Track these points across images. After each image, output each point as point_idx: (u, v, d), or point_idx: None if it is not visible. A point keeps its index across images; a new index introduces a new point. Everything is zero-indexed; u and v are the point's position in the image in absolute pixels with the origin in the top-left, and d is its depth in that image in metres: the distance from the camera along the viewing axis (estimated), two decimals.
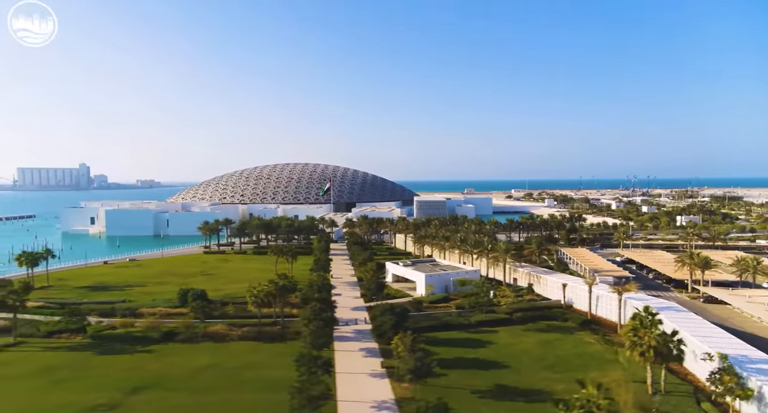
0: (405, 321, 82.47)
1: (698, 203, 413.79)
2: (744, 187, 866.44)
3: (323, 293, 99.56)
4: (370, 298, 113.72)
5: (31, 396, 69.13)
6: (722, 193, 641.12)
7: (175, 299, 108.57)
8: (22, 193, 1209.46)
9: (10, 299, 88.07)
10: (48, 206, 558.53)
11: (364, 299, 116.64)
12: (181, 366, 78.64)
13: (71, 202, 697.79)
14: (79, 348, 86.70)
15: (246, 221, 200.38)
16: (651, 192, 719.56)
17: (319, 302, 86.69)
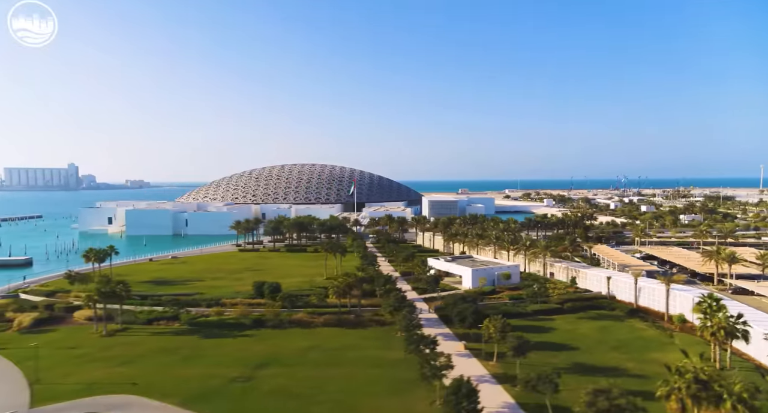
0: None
1: (698, 202, 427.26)
2: (730, 187, 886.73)
3: (390, 284, 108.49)
4: (425, 290, 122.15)
5: (167, 370, 77.91)
6: (709, 192, 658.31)
7: (251, 291, 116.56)
8: (10, 193, 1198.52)
9: (119, 290, 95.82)
10: (41, 207, 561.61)
11: (417, 291, 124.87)
12: (285, 347, 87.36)
13: (63, 202, 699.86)
14: (183, 333, 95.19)
15: (280, 221, 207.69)
16: (641, 192, 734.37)
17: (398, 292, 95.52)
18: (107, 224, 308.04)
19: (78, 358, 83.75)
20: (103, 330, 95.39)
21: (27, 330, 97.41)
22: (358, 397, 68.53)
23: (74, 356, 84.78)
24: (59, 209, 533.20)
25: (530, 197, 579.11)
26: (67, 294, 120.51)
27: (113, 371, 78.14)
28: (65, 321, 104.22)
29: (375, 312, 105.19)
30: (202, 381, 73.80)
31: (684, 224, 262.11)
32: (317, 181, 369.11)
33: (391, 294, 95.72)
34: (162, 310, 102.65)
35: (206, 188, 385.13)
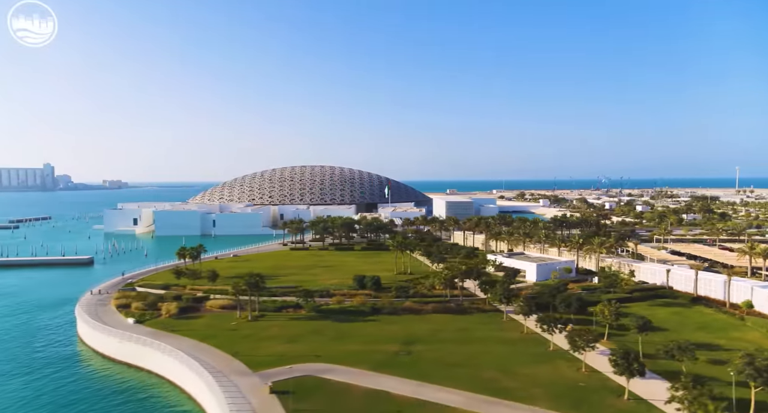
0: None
1: (685, 203, 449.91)
2: (706, 187, 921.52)
3: (483, 277, 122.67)
4: (492, 284, 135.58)
5: (331, 346, 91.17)
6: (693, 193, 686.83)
7: (353, 284, 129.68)
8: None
9: (258, 282, 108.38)
10: (20, 209, 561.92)
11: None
12: (416, 329, 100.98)
13: (44, 203, 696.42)
14: (315, 318, 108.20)
15: (329, 221, 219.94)
16: (622, 192, 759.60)
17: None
18: (132, 225, 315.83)
19: (246, 338, 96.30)
20: (248, 315, 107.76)
21: (177, 316, 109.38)
22: (512, 365, 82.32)
23: (242, 336, 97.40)
24: (40, 210, 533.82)
25: (524, 197, 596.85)
26: (183, 287, 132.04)
27: (287, 347, 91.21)
28: (199, 309, 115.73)
29: (472, 301, 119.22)
30: (369, 355, 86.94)
31: (691, 223, 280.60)
32: (330, 182, 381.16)
33: (497, 285, 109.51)
34: (282, 301, 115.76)
35: (220, 188, 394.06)
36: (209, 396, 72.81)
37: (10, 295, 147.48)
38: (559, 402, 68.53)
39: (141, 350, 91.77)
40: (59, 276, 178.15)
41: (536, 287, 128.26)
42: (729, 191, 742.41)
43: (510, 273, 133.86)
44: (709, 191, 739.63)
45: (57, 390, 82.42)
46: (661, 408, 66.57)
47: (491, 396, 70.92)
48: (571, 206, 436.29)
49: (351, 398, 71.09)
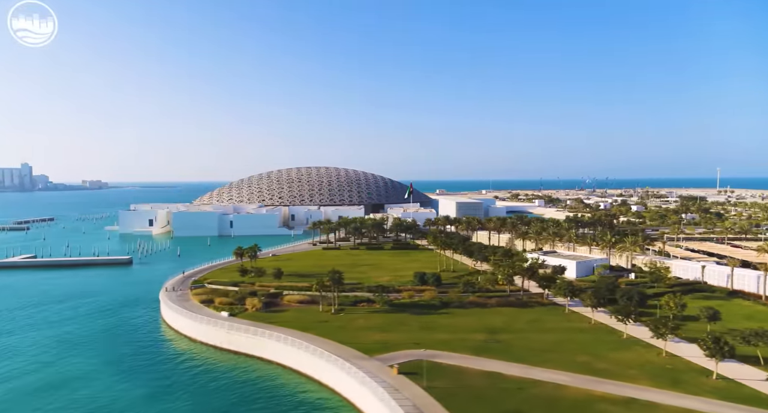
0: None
1: (676, 203, 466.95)
2: (687, 187, 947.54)
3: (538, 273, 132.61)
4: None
5: (420, 336, 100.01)
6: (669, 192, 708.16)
7: (414, 280, 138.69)
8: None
9: (338, 278, 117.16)
10: (14, 210, 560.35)
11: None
12: (489, 321, 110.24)
13: (24, 204, 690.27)
14: (392, 312, 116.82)
15: (361, 221, 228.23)
16: (607, 192, 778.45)
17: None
18: (148, 225, 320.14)
19: (341, 328, 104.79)
20: (332, 309, 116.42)
21: (262, 310, 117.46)
22: (597, 351, 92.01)
23: (335, 327, 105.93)
24: (33, 211, 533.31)
25: (518, 197, 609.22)
26: (252, 284, 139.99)
27: (384, 335, 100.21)
28: (278, 304, 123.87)
29: (529, 296, 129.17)
30: (462, 343, 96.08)
31: (693, 222, 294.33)
32: (337, 183, 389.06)
33: (557, 281, 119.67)
34: (354, 296, 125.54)
35: (228, 189, 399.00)
36: (344, 377, 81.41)
37: (88, 294, 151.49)
38: (657, 381, 78.30)
39: (254, 340, 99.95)
40: (108, 276, 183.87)
41: (581, 283, 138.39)
42: (711, 190, 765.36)
43: (558, 270, 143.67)
44: (690, 191, 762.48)
45: (195, 383, 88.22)
46: (748, 384, 76.91)
47: (593, 376, 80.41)
48: (568, 207, 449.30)
49: (470, 377, 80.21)
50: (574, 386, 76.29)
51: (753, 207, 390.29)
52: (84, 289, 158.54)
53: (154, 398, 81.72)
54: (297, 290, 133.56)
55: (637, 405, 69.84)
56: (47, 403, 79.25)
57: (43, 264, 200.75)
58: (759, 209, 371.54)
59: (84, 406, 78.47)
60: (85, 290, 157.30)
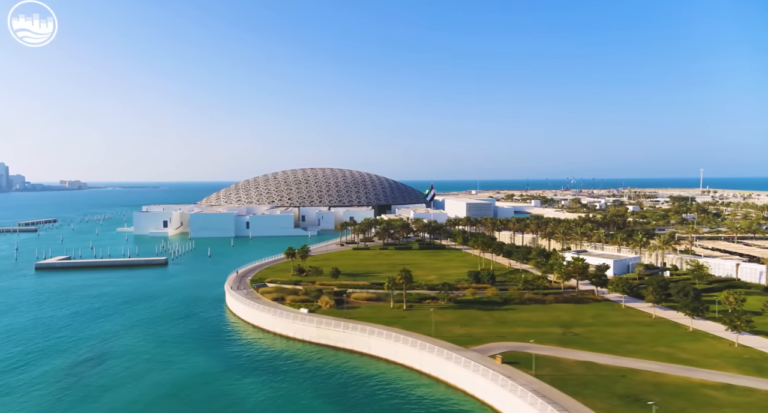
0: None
1: (667, 203, 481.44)
2: (670, 187, 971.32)
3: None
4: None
5: (501, 329, 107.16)
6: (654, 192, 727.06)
7: (469, 278, 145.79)
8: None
9: (407, 276, 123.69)
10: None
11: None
12: (556, 316, 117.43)
13: (9, 206, 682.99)
14: (459, 308, 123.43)
15: (389, 222, 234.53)
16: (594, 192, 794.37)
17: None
18: (163, 227, 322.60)
19: (421, 323, 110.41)
20: (403, 305, 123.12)
21: (336, 307, 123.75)
22: (671, 342, 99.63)
23: (415, 322, 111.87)
24: (24, 212, 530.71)
25: (513, 198, 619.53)
26: (312, 283, 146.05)
27: (466, 329, 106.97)
28: (347, 302, 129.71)
29: (581, 292, 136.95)
30: (542, 335, 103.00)
31: (696, 221, 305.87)
32: (344, 185, 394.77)
33: (620, 281, 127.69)
34: (417, 293, 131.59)
35: (234, 190, 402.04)
36: (452, 366, 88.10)
37: (150, 295, 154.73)
38: (743, 369, 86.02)
39: (348, 334, 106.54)
40: (152, 276, 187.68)
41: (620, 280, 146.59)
42: (694, 191, 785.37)
43: (602, 269, 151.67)
44: (675, 191, 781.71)
45: (311, 382, 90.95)
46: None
47: (681, 365, 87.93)
48: (566, 207, 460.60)
49: (569, 366, 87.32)
50: (671, 373, 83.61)
51: (745, 207, 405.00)
52: (141, 290, 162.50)
53: (292, 395, 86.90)
54: (359, 288, 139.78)
55: (736, 390, 77.38)
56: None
57: (82, 266, 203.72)
58: (751, 208, 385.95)
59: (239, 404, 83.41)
60: (143, 291, 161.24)
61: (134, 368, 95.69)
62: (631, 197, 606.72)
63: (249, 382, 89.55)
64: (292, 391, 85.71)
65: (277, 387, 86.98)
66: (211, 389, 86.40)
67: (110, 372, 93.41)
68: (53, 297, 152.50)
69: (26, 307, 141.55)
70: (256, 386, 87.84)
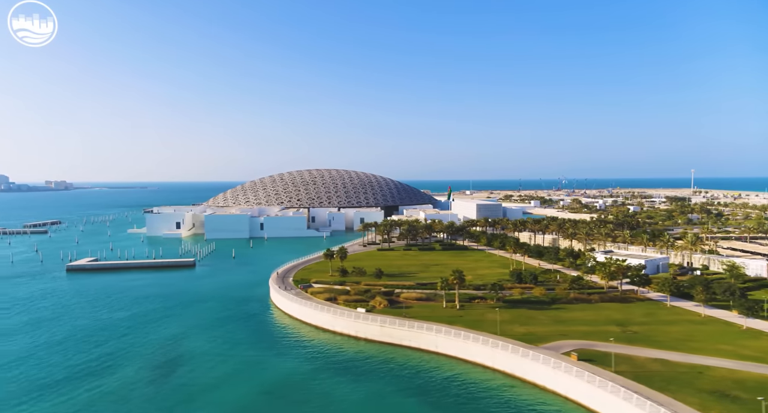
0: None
1: (663, 203, 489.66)
2: (660, 187, 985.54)
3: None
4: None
5: (563, 328, 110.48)
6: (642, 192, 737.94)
7: (511, 278, 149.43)
8: None
9: (459, 277, 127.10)
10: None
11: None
12: (607, 315, 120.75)
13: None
14: (509, 307, 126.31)
15: (413, 223, 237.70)
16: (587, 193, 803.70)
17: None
18: (176, 228, 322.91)
19: (480, 322, 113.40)
20: (456, 305, 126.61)
21: (389, 307, 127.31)
22: (731, 340, 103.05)
23: (473, 321, 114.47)
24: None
25: (512, 198, 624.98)
26: (357, 284, 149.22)
27: (527, 328, 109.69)
28: (398, 302, 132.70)
29: (623, 292, 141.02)
30: (602, 334, 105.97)
31: (701, 221, 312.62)
32: (352, 186, 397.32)
33: (665, 281, 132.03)
34: (464, 293, 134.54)
35: (242, 190, 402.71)
36: (529, 363, 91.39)
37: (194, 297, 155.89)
38: None
39: (413, 333, 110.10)
40: (185, 278, 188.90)
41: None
42: (685, 191, 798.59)
43: (639, 268, 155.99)
44: (668, 192, 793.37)
45: (397, 381, 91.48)
46: None
47: (752, 362, 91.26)
48: (568, 207, 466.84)
49: (644, 363, 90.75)
50: (746, 370, 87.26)
51: (743, 208, 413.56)
52: (182, 292, 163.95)
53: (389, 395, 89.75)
54: (405, 288, 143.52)
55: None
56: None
57: (112, 267, 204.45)
58: (751, 209, 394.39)
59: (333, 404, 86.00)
60: (185, 293, 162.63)
61: (220, 368, 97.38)
62: (627, 198, 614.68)
63: (339, 382, 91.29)
64: (383, 391, 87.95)
65: (369, 387, 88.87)
66: (307, 389, 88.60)
67: (199, 373, 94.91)
68: (101, 299, 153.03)
69: (82, 309, 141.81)
70: (347, 385, 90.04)
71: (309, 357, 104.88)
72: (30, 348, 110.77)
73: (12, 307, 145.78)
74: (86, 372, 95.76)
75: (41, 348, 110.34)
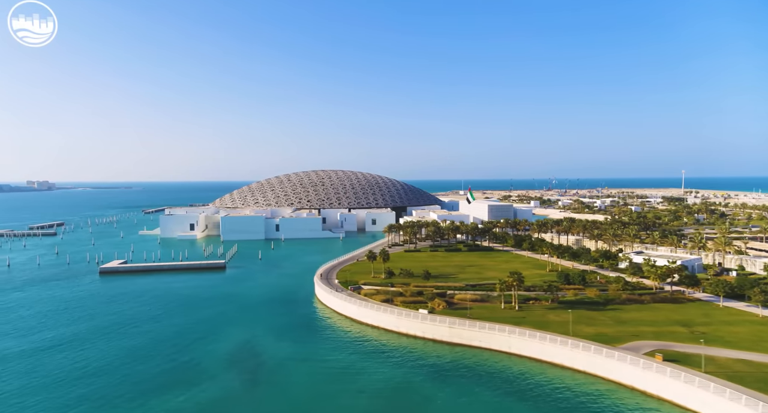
0: None
1: (659, 203, 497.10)
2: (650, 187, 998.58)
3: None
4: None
5: (627, 328, 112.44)
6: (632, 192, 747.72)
7: (558, 279, 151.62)
8: None
9: (521, 279, 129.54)
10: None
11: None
12: (664, 315, 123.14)
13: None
14: (564, 308, 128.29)
15: (437, 224, 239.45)
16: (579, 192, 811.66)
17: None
18: (189, 230, 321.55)
19: (547, 323, 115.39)
20: (516, 306, 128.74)
21: (448, 308, 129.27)
22: None
23: (539, 322, 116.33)
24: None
25: (509, 198, 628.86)
26: (407, 285, 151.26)
27: (594, 329, 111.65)
28: (454, 303, 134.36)
29: (672, 292, 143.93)
30: (670, 334, 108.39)
31: (707, 222, 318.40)
32: (360, 187, 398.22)
33: (718, 282, 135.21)
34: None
35: (250, 191, 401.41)
36: (614, 364, 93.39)
37: (242, 299, 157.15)
38: None
39: (482, 333, 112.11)
40: (220, 279, 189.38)
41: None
42: (676, 191, 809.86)
43: (681, 269, 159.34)
44: (657, 192, 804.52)
45: (487, 383, 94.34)
46: None
47: None
48: (570, 208, 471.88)
49: (727, 363, 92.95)
50: None
51: (744, 208, 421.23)
52: (228, 294, 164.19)
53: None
54: (457, 289, 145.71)
55: None
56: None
57: (144, 269, 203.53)
58: (750, 209, 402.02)
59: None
60: (231, 295, 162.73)
61: (316, 373, 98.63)
62: (623, 198, 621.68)
63: (436, 387, 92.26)
64: (483, 395, 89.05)
65: (467, 391, 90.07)
66: (410, 394, 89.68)
67: (297, 378, 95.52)
68: (152, 303, 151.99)
69: (143, 314, 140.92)
70: (440, 387, 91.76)
71: (395, 361, 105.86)
72: (117, 353, 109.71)
73: (68, 310, 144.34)
74: (181, 379, 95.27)
75: (126, 353, 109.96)
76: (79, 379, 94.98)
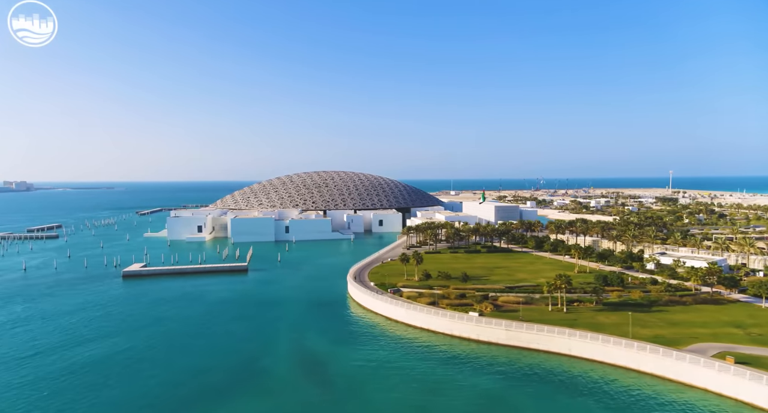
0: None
1: (654, 203, 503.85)
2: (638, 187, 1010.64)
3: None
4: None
5: (681, 330, 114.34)
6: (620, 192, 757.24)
7: (597, 281, 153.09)
8: None
9: (569, 281, 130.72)
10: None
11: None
12: (709, 316, 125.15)
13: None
14: (610, 310, 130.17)
15: (456, 226, 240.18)
16: (568, 192, 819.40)
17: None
18: (197, 232, 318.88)
19: (600, 325, 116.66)
20: (563, 308, 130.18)
21: (496, 310, 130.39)
22: None
23: (590, 324, 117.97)
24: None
25: (504, 199, 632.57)
26: (447, 287, 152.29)
27: (649, 331, 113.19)
28: (499, 306, 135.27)
29: (709, 294, 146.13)
30: (727, 336, 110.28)
31: (708, 222, 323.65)
32: (363, 188, 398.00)
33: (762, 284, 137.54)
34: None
35: (252, 191, 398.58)
36: (685, 365, 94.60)
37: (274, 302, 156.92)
38: None
39: (540, 336, 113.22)
40: (244, 282, 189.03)
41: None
42: (664, 191, 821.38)
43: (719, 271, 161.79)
44: (645, 191, 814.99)
45: (564, 388, 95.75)
46: None
47: None
48: (568, 208, 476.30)
49: None
50: None
51: (740, 208, 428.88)
52: (259, 297, 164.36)
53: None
54: (498, 292, 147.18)
55: None
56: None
57: (166, 272, 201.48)
58: (746, 209, 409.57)
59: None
60: (262, 298, 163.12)
61: (381, 372, 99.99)
62: (615, 198, 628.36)
63: (525, 394, 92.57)
64: (585, 404, 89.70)
65: (552, 398, 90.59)
66: (487, 399, 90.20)
67: (375, 384, 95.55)
68: (190, 306, 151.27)
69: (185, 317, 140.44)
70: (529, 395, 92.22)
71: (457, 363, 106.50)
72: (186, 364, 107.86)
73: (111, 315, 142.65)
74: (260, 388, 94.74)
75: (194, 356, 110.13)
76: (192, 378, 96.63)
